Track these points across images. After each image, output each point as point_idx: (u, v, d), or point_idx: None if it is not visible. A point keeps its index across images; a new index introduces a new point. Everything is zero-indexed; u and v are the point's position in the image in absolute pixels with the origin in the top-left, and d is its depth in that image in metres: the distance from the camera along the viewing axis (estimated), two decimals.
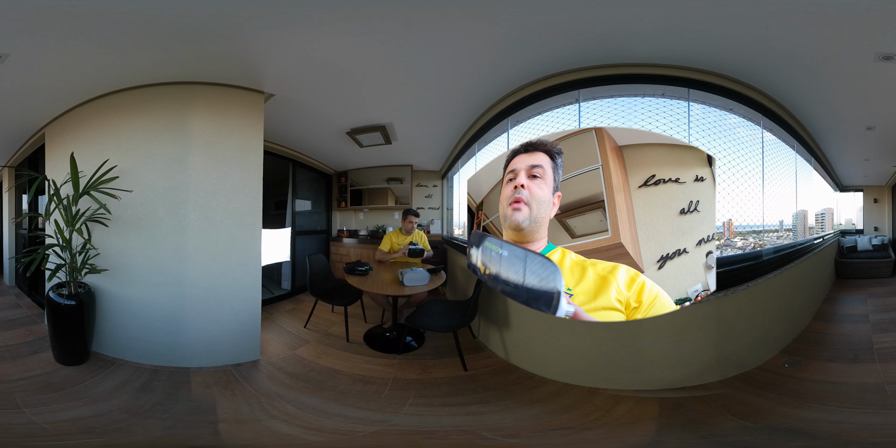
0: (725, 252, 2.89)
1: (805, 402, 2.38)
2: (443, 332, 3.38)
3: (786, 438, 2.06)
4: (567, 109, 3.02)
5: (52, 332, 2.89)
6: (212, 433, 2.17)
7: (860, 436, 2.04)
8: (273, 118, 3.38)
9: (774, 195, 3.33)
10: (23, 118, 3.66)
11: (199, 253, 2.99)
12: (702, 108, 2.77)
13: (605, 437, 2.16)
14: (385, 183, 5.77)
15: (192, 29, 2.28)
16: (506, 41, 2.50)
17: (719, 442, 2.06)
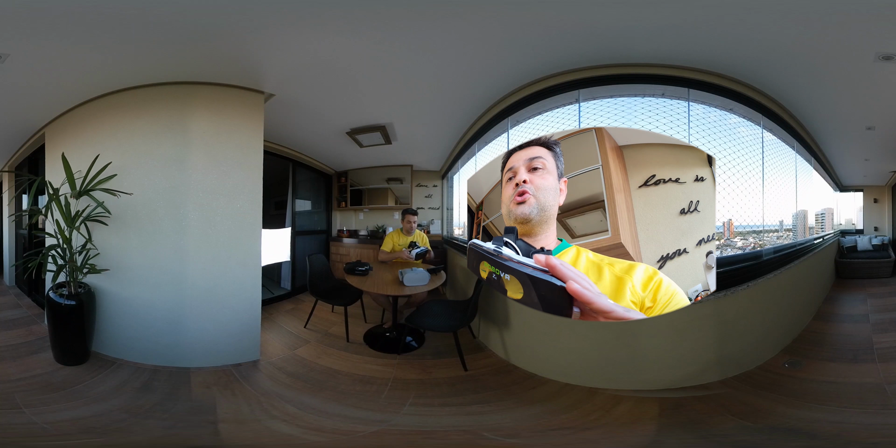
0: (725, 252, 2.89)
1: (805, 402, 2.38)
2: (443, 332, 3.38)
3: (786, 438, 2.06)
4: (567, 109, 3.02)
5: (52, 332, 2.89)
6: (212, 433, 2.17)
7: (860, 436, 2.04)
8: (273, 118, 3.38)
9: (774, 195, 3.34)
10: (22, 118, 3.66)
11: (199, 253, 2.99)
12: (702, 108, 2.77)
13: (605, 437, 2.16)
14: (385, 183, 5.77)
15: (192, 29, 2.28)
16: (506, 41, 2.50)
17: (719, 442, 2.06)
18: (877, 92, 2.93)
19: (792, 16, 2.11)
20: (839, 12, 2.05)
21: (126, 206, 2.99)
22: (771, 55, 2.54)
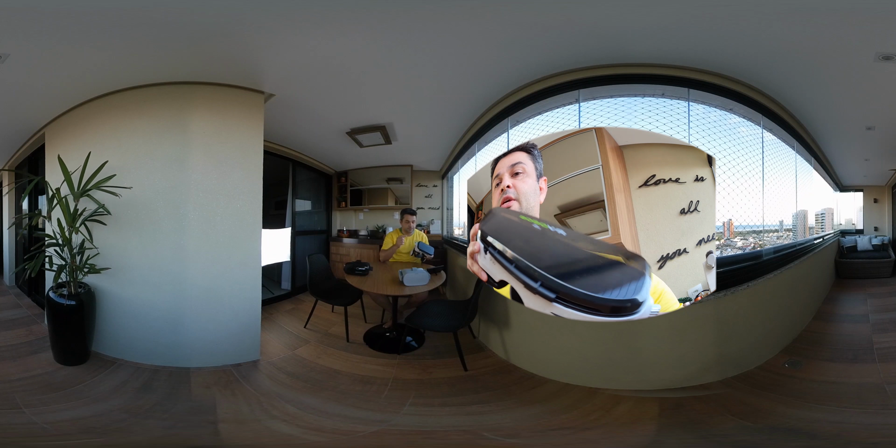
0: (725, 252, 2.89)
1: (805, 402, 2.38)
2: (443, 332, 3.38)
3: (786, 438, 2.06)
4: (567, 109, 3.02)
5: (52, 332, 2.89)
6: (212, 433, 2.17)
7: (860, 436, 2.04)
8: (273, 118, 3.38)
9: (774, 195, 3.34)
10: (22, 118, 3.66)
11: (199, 253, 2.99)
12: (702, 108, 2.77)
13: (605, 437, 2.16)
14: (385, 183, 5.77)
15: (191, 29, 2.28)
16: (506, 41, 2.50)
17: (719, 442, 2.06)
18: (877, 92, 2.93)
19: (792, 16, 2.11)
20: (839, 12, 2.05)
21: (126, 207, 2.99)
22: (771, 55, 2.54)
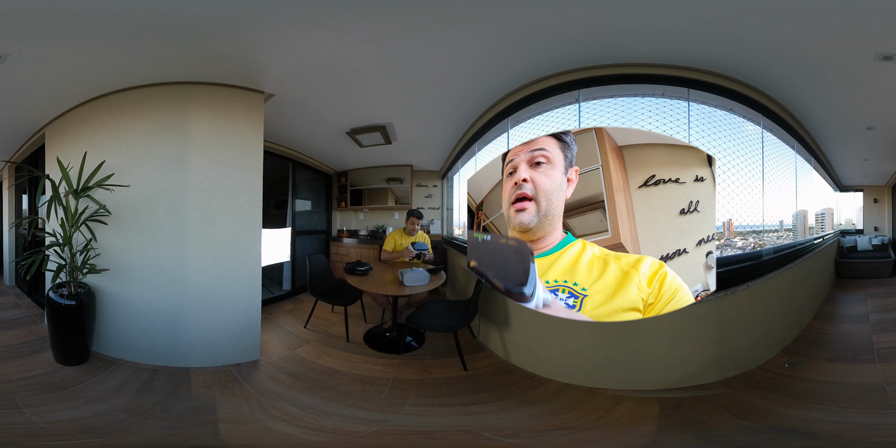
0: (725, 252, 2.89)
1: (805, 402, 2.38)
2: (443, 332, 3.38)
3: (786, 438, 2.06)
4: (567, 109, 3.02)
5: (52, 332, 2.89)
6: (212, 433, 2.17)
7: (860, 436, 2.04)
8: (273, 118, 3.38)
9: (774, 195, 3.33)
10: (23, 118, 3.66)
11: (199, 253, 2.99)
12: (702, 108, 2.77)
13: (605, 437, 2.16)
14: (385, 183, 5.78)
15: (192, 29, 2.27)
16: (506, 41, 2.50)
17: (719, 442, 2.06)
18: (877, 92, 2.93)
19: (792, 16, 2.11)
20: (839, 12, 2.04)
21: (126, 207, 2.99)
22: (771, 55, 2.54)
